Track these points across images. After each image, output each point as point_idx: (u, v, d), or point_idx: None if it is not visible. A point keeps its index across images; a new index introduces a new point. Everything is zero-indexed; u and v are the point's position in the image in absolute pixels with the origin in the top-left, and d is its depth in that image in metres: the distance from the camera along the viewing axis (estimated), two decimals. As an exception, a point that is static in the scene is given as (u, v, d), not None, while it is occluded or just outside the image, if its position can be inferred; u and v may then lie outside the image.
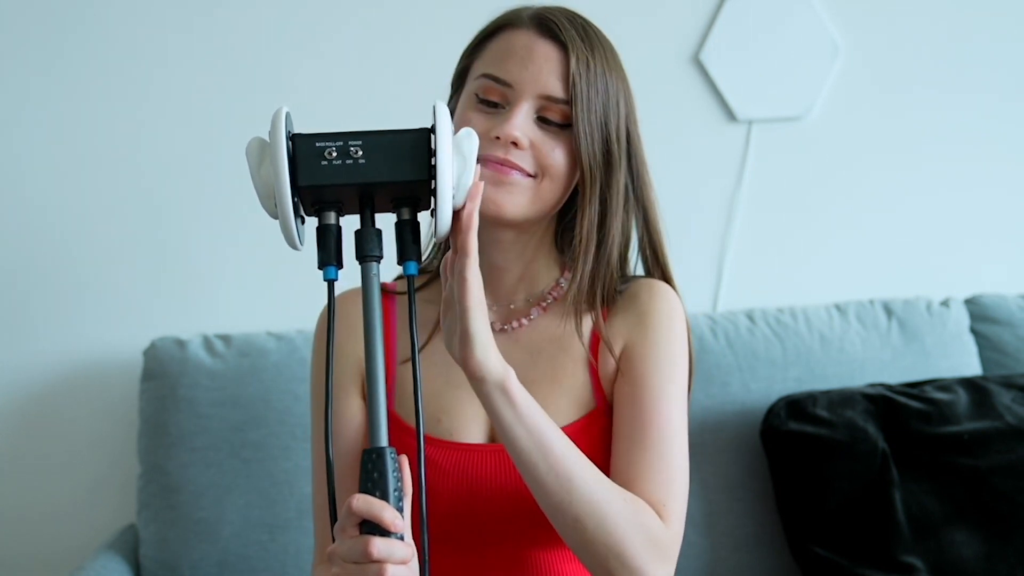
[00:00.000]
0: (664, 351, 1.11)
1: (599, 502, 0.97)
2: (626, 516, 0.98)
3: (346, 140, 0.88)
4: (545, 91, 1.06)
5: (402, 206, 0.92)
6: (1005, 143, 1.91)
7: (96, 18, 1.72)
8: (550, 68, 1.06)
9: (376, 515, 0.84)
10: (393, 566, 0.84)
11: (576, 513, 0.97)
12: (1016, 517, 1.47)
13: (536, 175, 1.06)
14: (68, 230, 1.73)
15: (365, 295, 0.89)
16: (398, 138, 0.89)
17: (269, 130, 0.88)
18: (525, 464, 0.97)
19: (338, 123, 0.95)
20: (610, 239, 1.11)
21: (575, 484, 0.96)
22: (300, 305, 1.61)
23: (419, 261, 0.92)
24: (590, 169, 1.07)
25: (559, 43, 1.07)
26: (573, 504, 0.96)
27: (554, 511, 0.98)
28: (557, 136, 1.07)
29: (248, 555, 1.55)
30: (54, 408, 1.73)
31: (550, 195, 1.08)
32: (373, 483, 0.86)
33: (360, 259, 0.90)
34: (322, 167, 0.88)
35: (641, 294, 1.14)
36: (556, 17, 1.08)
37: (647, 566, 0.98)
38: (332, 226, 0.91)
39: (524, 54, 1.06)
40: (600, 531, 0.97)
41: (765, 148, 1.85)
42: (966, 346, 1.73)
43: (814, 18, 1.83)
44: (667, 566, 1.01)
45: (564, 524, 0.98)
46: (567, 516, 0.97)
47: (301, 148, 0.88)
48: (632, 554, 0.97)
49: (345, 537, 0.86)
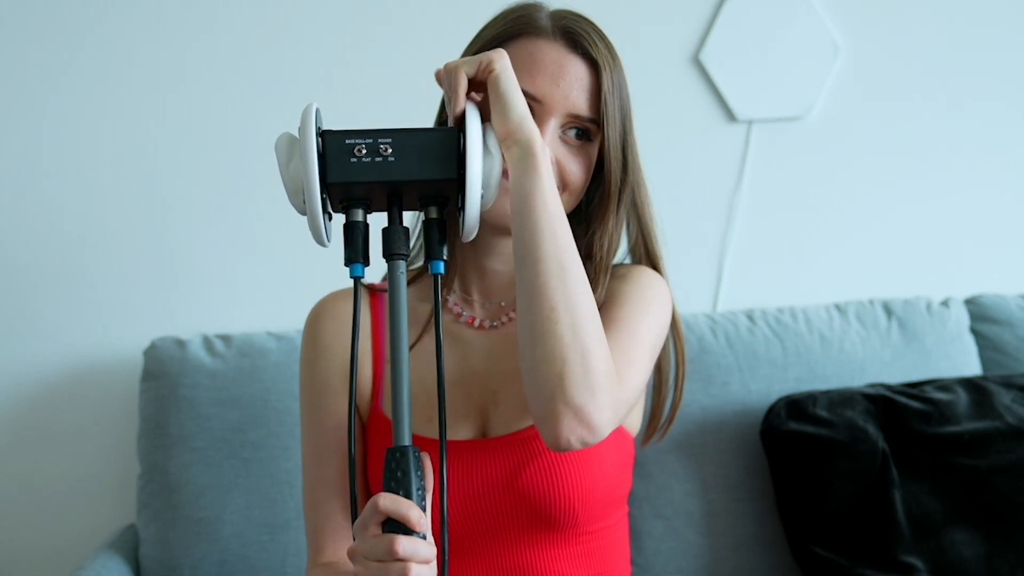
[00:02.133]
0: (642, 291, 1.12)
1: (581, 303, 0.95)
2: (599, 333, 0.96)
3: (376, 138, 0.89)
4: (574, 109, 1.07)
5: (430, 204, 0.92)
6: (1005, 143, 1.91)
7: (99, 19, 1.72)
8: (581, 87, 1.07)
9: (403, 515, 0.84)
10: (417, 565, 0.84)
11: (556, 301, 0.94)
12: (1016, 517, 1.47)
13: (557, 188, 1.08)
14: (68, 230, 1.73)
15: (392, 292, 0.90)
16: (428, 137, 0.90)
17: (299, 126, 0.88)
18: (528, 237, 0.95)
19: (343, 120, 0.95)
20: (615, 247, 1.14)
21: (567, 274, 0.95)
22: (300, 305, 1.59)
23: (445, 260, 0.92)
24: (615, 185, 1.10)
25: (590, 60, 1.07)
26: (559, 290, 0.94)
27: (537, 292, 0.95)
28: (577, 151, 1.09)
29: (248, 555, 1.55)
30: (54, 408, 1.73)
31: (567, 207, 1.10)
32: (397, 482, 0.85)
33: (387, 257, 0.91)
34: (351, 164, 0.88)
35: (625, 272, 1.16)
36: (585, 30, 1.08)
37: (601, 393, 0.95)
38: (360, 223, 0.91)
39: (555, 70, 1.06)
40: (571, 330, 0.94)
41: (765, 148, 1.85)
42: (966, 346, 1.73)
43: (814, 18, 1.83)
44: (612, 414, 0.97)
45: (539, 311, 0.95)
46: (547, 300, 0.94)
47: (331, 145, 0.89)
48: (594, 367, 0.94)
49: (368, 535, 0.86)
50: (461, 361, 1.16)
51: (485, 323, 1.16)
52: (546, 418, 0.95)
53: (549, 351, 0.94)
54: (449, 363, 1.15)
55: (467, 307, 1.18)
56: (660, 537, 1.58)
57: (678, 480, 1.59)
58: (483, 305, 1.17)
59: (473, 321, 1.16)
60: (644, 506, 1.57)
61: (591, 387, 0.94)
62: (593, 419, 0.94)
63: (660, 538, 1.58)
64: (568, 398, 0.93)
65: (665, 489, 1.58)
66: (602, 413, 0.95)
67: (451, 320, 1.18)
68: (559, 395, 0.93)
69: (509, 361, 1.12)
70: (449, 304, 1.19)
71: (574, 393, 0.93)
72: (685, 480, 1.59)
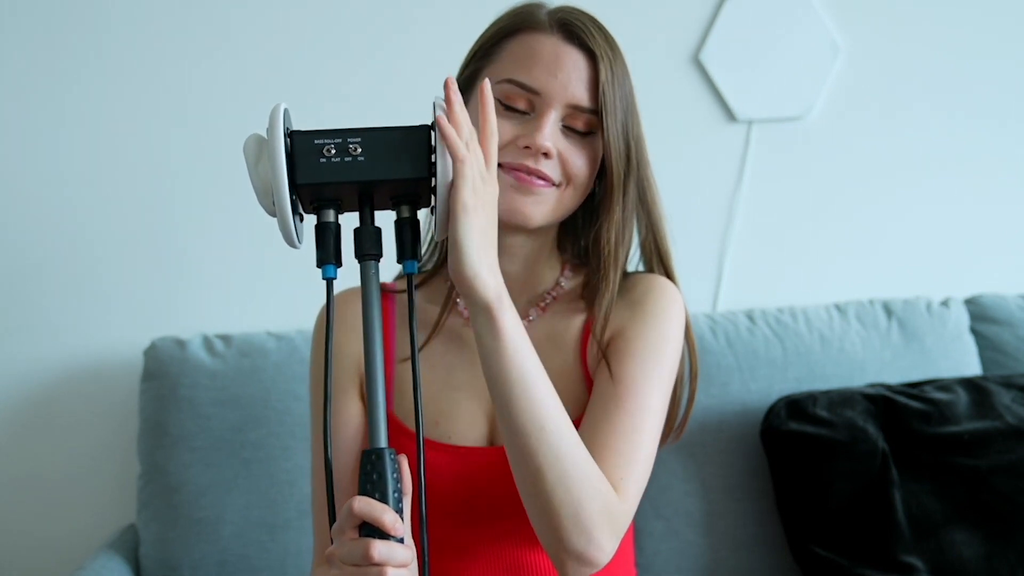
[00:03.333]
0: (653, 336, 1.10)
1: (565, 457, 0.95)
2: (588, 478, 0.96)
3: (345, 137, 0.87)
4: (573, 100, 1.06)
5: (402, 203, 0.91)
6: (1006, 143, 1.91)
7: (97, 18, 1.72)
8: (578, 76, 1.06)
9: (377, 518, 0.83)
10: (394, 569, 0.83)
11: (540, 463, 0.94)
12: (1016, 517, 1.47)
13: (560, 184, 1.07)
14: (68, 230, 1.73)
15: (364, 294, 0.88)
16: (398, 135, 0.88)
17: (267, 127, 0.87)
18: (500, 398, 0.94)
19: (340, 121, 0.94)
20: (627, 242, 1.13)
21: (546, 433, 0.94)
22: (300, 305, 1.61)
23: (419, 259, 0.91)
24: (618, 176, 1.08)
25: (587, 51, 1.06)
26: (539, 451, 0.94)
27: (519, 455, 0.95)
28: (580, 144, 1.08)
29: (248, 555, 1.55)
30: (54, 408, 1.73)
31: (571, 202, 1.09)
32: (373, 484, 0.85)
33: (359, 257, 0.89)
34: (320, 164, 0.87)
35: (639, 286, 1.15)
36: (581, 22, 1.08)
37: (599, 532, 0.96)
38: (331, 224, 0.90)
39: (551, 60, 1.06)
40: (559, 486, 0.94)
41: (765, 148, 1.85)
42: (966, 346, 1.73)
43: (814, 18, 1.83)
44: (615, 540, 0.98)
45: (526, 472, 0.95)
46: (531, 464, 0.94)
47: (299, 145, 0.87)
48: (586, 516, 0.95)
49: (345, 539, 0.85)
50: (470, 366, 1.14)
51: None
52: (553, 558, 0.99)
53: (541, 508, 0.96)
54: (458, 368, 1.15)
55: None
56: (660, 537, 1.58)
57: (678, 480, 1.59)
58: None
59: None
60: (644, 506, 1.57)
61: (587, 533, 0.96)
62: (593, 557, 0.97)
63: (660, 538, 1.58)
64: (567, 547, 0.96)
65: (665, 489, 1.58)
66: (602, 549, 0.97)
67: (461, 323, 1.17)
68: (559, 546, 0.96)
69: None
70: (459, 307, 1.17)
71: (571, 543, 0.96)
72: (685, 480, 1.59)
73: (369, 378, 0.87)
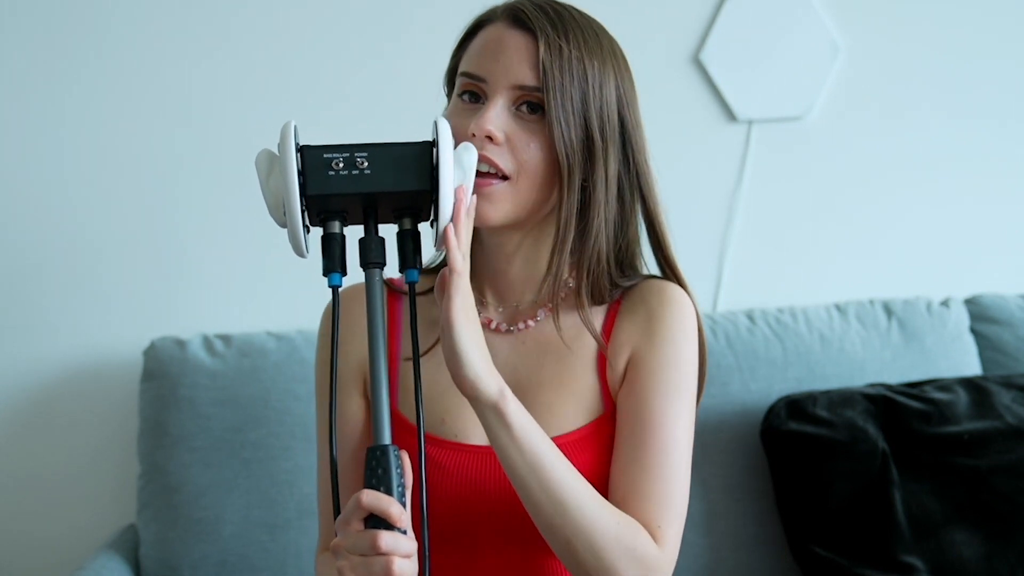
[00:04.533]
0: (672, 364, 1.09)
1: (591, 527, 0.98)
2: (618, 540, 0.99)
3: (352, 151, 0.92)
4: (517, 81, 1.03)
5: (403, 216, 0.96)
6: (1006, 143, 1.91)
7: (100, 19, 1.72)
8: (520, 57, 1.04)
9: (384, 510, 0.87)
10: (399, 559, 0.87)
11: (567, 535, 0.98)
12: (1016, 517, 1.47)
13: (511, 176, 1.04)
14: (68, 230, 1.73)
15: (369, 300, 0.93)
16: (402, 150, 0.94)
17: (278, 142, 0.91)
18: (519, 484, 0.98)
19: (341, 122, 0.96)
20: (594, 232, 1.07)
21: (568, 508, 0.97)
22: (300, 305, 1.61)
23: (420, 269, 0.95)
24: (567, 158, 1.03)
25: (528, 31, 1.04)
26: (565, 527, 0.97)
27: (546, 530, 0.99)
28: (534, 128, 1.04)
29: (248, 555, 1.55)
30: (54, 408, 1.73)
31: (529, 193, 1.05)
32: (377, 479, 0.89)
33: (364, 266, 0.94)
34: (329, 177, 0.92)
35: (651, 298, 1.12)
36: (526, 6, 1.06)
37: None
38: (337, 235, 0.95)
39: (495, 47, 1.05)
40: (589, 554, 0.98)
41: (765, 148, 1.85)
42: (966, 346, 1.73)
43: (814, 18, 1.83)
44: None
45: (555, 542, 0.99)
46: (558, 536, 0.98)
47: (309, 159, 0.92)
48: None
49: (351, 531, 0.88)
50: None
51: (502, 326, 1.14)
52: None
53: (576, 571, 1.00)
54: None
55: (482, 308, 1.16)
56: (660, 537, 1.58)
57: (678, 480, 1.59)
58: (497, 308, 1.15)
59: (490, 323, 1.15)
60: (644, 506, 1.57)
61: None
62: None
63: (660, 538, 1.58)
64: None
65: (665, 489, 1.58)
66: None
67: None
68: None
69: (527, 368, 1.12)
70: None
71: None
72: (685, 480, 1.59)
73: (373, 381, 0.91)
